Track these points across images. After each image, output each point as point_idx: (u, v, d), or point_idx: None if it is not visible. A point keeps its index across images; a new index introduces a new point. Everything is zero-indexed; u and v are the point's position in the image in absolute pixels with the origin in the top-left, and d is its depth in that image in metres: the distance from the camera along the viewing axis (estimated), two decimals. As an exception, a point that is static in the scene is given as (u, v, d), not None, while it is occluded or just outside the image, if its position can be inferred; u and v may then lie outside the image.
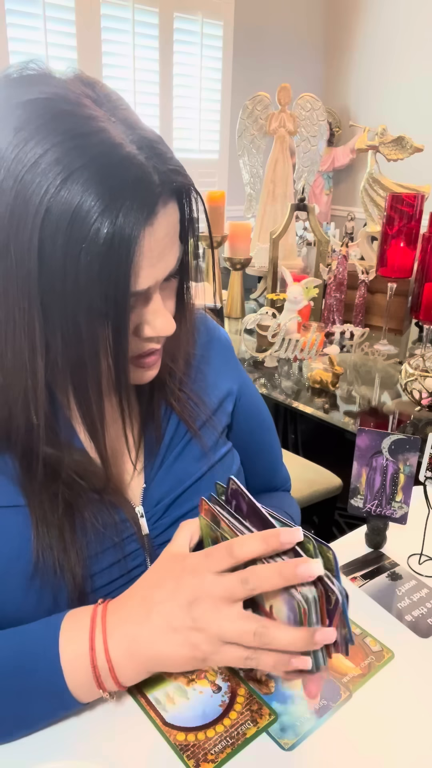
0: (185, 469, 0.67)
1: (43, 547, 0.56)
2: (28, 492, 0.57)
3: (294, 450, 2.16)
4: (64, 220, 0.45)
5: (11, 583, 0.57)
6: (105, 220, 0.45)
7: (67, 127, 0.46)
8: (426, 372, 1.34)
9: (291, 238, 2.21)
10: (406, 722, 0.57)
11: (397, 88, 3.61)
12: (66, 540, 0.57)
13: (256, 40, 3.52)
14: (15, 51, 2.57)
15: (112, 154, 0.46)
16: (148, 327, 0.55)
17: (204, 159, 3.51)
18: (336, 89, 3.98)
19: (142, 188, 0.47)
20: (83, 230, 0.45)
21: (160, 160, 0.49)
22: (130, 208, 0.46)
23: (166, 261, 0.52)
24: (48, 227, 0.46)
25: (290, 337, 1.63)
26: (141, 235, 0.47)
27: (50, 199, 0.45)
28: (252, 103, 2.18)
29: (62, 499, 0.57)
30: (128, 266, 0.47)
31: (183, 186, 0.52)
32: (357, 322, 1.87)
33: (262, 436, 0.83)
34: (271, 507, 0.80)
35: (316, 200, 3.89)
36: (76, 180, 0.45)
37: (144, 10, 2.95)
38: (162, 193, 0.49)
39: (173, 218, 0.52)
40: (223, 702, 0.58)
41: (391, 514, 0.79)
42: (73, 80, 0.51)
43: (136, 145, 0.48)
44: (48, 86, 0.49)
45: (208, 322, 0.77)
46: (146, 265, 0.50)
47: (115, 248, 0.46)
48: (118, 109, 0.50)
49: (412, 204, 1.61)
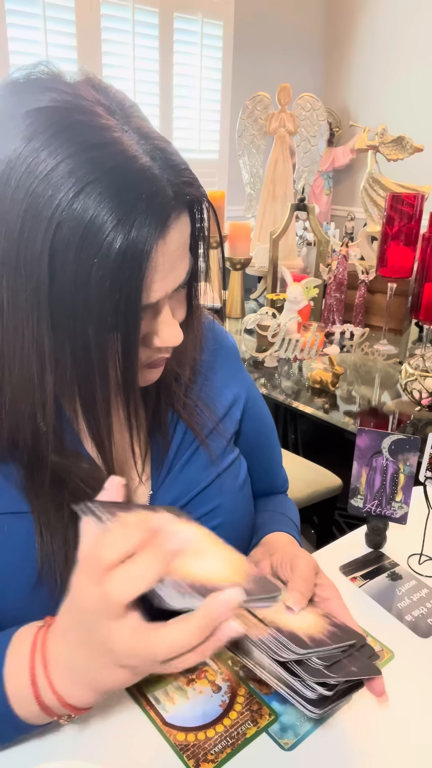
0: (192, 477, 0.67)
1: (47, 554, 0.56)
2: (32, 499, 0.57)
3: (294, 450, 2.16)
4: (77, 234, 0.45)
5: (16, 589, 0.56)
6: (118, 234, 0.45)
7: (80, 138, 0.45)
8: (426, 372, 1.34)
9: (291, 238, 2.21)
10: (406, 722, 0.57)
11: (397, 88, 3.61)
12: (70, 547, 0.56)
13: (256, 40, 3.51)
14: (15, 51, 2.56)
15: (126, 167, 0.45)
16: (157, 338, 0.55)
17: (204, 159, 3.51)
18: (336, 89, 3.98)
19: (156, 202, 0.46)
20: (96, 244, 0.45)
21: (174, 173, 0.49)
22: (143, 223, 0.45)
23: (176, 273, 0.52)
24: (59, 241, 0.45)
25: (290, 337, 1.63)
26: (153, 249, 0.47)
27: (62, 212, 0.44)
28: (252, 103, 2.18)
29: (67, 506, 0.57)
30: (140, 280, 0.47)
31: (195, 198, 0.51)
32: (357, 322, 1.87)
33: (266, 440, 0.82)
34: (270, 510, 0.80)
35: (316, 200, 3.89)
36: (89, 194, 0.44)
37: (144, 10, 2.95)
38: (175, 207, 0.48)
39: (185, 231, 0.51)
40: (223, 702, 0.58)
41: (391, 514, 0.79)
42: (85, 85, 0.50)
43: (150, 156, 0.47)
44: (59, 93, 0.47)
45: (216, 328, 0.77)
46: (158, 279, 0.49)
47: (128, 263, 0.46)
48: (131, 118, 0.49)
49: (412, 204, 1.61)
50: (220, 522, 0.67)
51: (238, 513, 0.70)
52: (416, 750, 0.54)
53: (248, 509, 0.72)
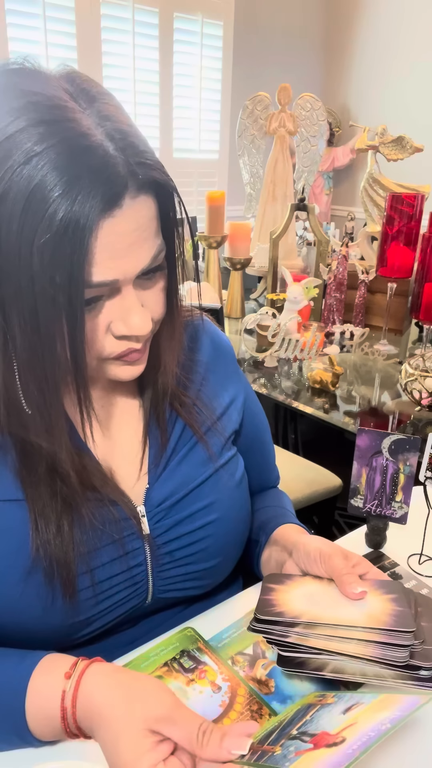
0: (189, 473, 0.67)
1: (41, 542, 0.57)
2: (27, 487, 0.57)
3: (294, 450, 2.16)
4: (20, 203, 0.45)
5: (11, 576, 0.57)
6: (60, 206, 0.45)
7: (34, 115, 0.46)
8: (426, 372, 1.34)
9: (291, 238, 2.21)
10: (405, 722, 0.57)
11: (397, 88, 3.61)
12: (64, 535, 0.57)
13: (256, 40, 3.51)
14: (15, 51, 2.56)
15: (75, 142, 0.46)
16: (122, 324, 0.54)
17: (204, 159, 3.51)
18: (336, 89, 3.98)
19: (104, 177, 0.47)
20: (38, 215, 0.45)
21: (132, 153, 0.49)
22: (88, 196, 0.46)
23: (135, 256, 0.51)
24: (3, 211, 0.46)
25: (290, 337, 1.63)
26: (98, 224, 0.47)
27: (8, 182, 0.45)
28: (252, 103, 2.18)
29: (60, 494, 0.58)
30: (83, 255, 0.47)
31: (157, 181, 0.51)
32: (357, 322, 1.87)
33: (261, 438, 0.83)
34: (271, 506, 0.81)
35: (316, 200, 3.89)
36: (35, 165, 0.45)
37: (144, 10, 2.95)
38: (129, 185, 0.48)
39: (145, 212, 0.51)
40: (223, 702, 0.58)
41: (391, 514, 0.79)
42: (57, 75, 0.51)
43: (106, 136, 0.48)
44: (27, 78, 0.49)
45: (212, 329, 0.77)
46: (107, 257, 0.49)
47: (69, 236, 0.46)
48: (95, 102, 0.50)
49: (412, 204, 1.61)
50: (216, 518, 0.67)
51: (234, 510, 0.70)
52: (416, 750, 0.54)
53: (244, 507, 0.73)
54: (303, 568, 0.65)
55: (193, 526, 0.66)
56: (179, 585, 0.66)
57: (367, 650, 0.54)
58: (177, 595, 0.67)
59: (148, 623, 0.68)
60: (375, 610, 0.58)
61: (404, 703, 0.46)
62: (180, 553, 0.65)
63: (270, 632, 0.58)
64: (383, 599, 0.60)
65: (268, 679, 0.60)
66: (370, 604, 0.59)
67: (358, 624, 0.56)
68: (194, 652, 0.63)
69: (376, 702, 0.48)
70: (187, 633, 0.66)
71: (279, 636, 0.57)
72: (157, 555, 0.64)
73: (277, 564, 0.71)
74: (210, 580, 0.69)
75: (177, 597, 0.68)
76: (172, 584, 0.66)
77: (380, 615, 0.57)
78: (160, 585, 0.65)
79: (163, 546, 0.64)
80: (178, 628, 0.67)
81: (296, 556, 0.66)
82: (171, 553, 0.65)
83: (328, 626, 0.57)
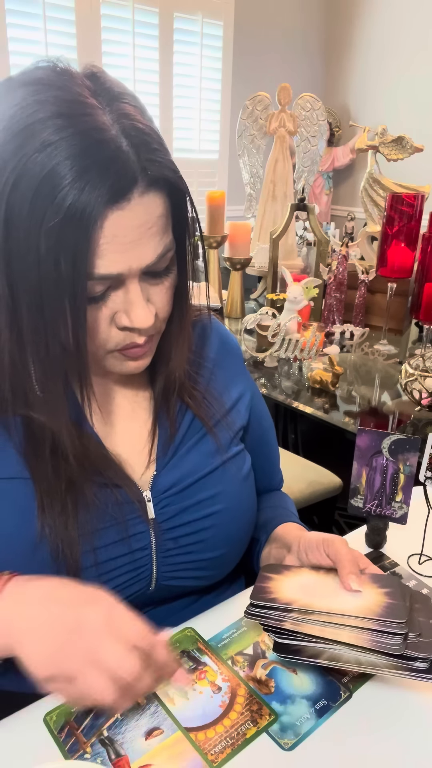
0: (197, 462, 0.69)
1: (46, 519, 0.58)
2: (33, 467, 0.59)
3: (294, 450, 2.16)
4: (32, 188, 0.47)
5: (17, 549, 0.59)
6: (69, 194, 0.47)
7: (55, 108, 0.48)
8: (426, 372, 1.33)
9: (291, 238, 2.21)
10: (406, 722, 0.57)
11: (397, 88, 3.61)
12: (68, 513, 0.59)
13: (256, 40, 3.51)
14: (15, 51, 2.56)
15: (90, 135, 0.48)
16: (125, 316, 0.55)
17: (204, 159, 3.51)
18: (336, 89, 3.98)
19: (114, 170, 0.48)
20: (47, 201, 0.47)
21: (145, 150, 0.50)
22: (95, 187, 0.47)
23: (141, 251, 0.53)
24: (17, 194, 0.48)
25: (290, 337, 1.63)
26: (104, 215, 0.49)
27: (22, 167, 0.47)
28: (252, 103, 2.18)
29: (65, 474, 0.59)
30: (87, 244, 0.49)
31: (167, 179, 0.53)
32: (357, 322, 1.87)
33: (266, 438, 0.84)
34: (273, 507, 0.82)
35: (316, 200, 3.89)
36: (49, 153, 0.47)
37: (144, 10, 2.95)
38: (138, 180, 0.50)
39: (154, 209, 0.52)
40: (223, 702, 0.58)
41: (391, 514, 0.79)
42: (82, 74, 0.53)
43: (121, 133, 0.50)
44: (54, 75, 0.51)
45: (221, 328, 0.79)
46: (112, 250, 0.51)
47: (75, 223, 0.48)
48: (116, 101, 0.52)
49: (412, 204, 1.61)
50: (221, 508, 0.68)
51: (239, 502, 0.71)
52: (416, 750, 0.54)
53: (250, 501, 0.74)
54: (303, 559, 0.66)
55: (198, 514, 0.67)
56: (183, 573, 0.67)
57: (362, 638, 0.56)
58: (181, 584, 0.68)
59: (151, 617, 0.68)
60: (368, 602, 0.59)
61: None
62: (185, 540, 0.66)
63: (266, 617, 0.59)
64: (377, 592, 0.61)
65: (268, 679, 0.60)
66: (364, 595, 0.60)
67: (350, 613, 0.57)
68: (194, 652, 0.64)
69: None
70: (187, 633, 0.66)
71: (275, 622, 0.58)
72: (162, 540, 0.65)
73: (276, 561, 0.72)
74: (214, 571, 0.70)
75: (181, 586, 0.68)
76: (176, 571, 0.66)
77: (373, 606, 0.58)
78: (164, 571, 0.66)
79: (168, 531, 0.65)
80: (178, 628, 0.67)
81: (295, 549, 0.67)
82: (176, 540, 0.66)
83: (323, 614, 0.58)
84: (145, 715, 0.56)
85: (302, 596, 0.61)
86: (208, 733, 0.55)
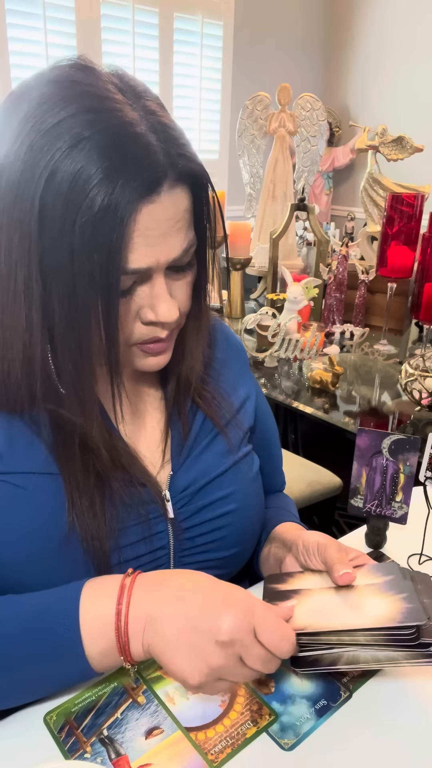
0: (211, 462, 0.69)
1: (76, 514, 0.58)
2: (61, 461, 0.59)
3: (294, 450, 2.16)
4: (65, 184, 0.48)
5: (45, 548, 0.58)
6: (102, 189, 0.47)
7: (84, 103, 0.49)
8: (426, 372, 1.33)
9: (291, 238, 2.21)
10: (406, 722, 0.57)
11: (397, 88, 3.61)
12: (96, 509, 0.59)
13: (256, 40, 3.51)
14: (15, 51, 2.56)
15: (120, 130, 0.49)
16: (150, 311, 0.56)
17: (204, 159, 3.42)
18: (336, 89, 3.98)
19: (146, 165, 0.49)
20: (81, 196, 0.47)
21: (173, 145, 0.51)
22: (129, 181, 0.48)
23: (169, 245, 0.53)
24: (50, 190, 0.48)
25: (290, 337, 1.63)
26: (137, 209, 0.49)
27: (55, 163, 0.48)
28: (252, 103, 2.18)
29: (93, 469, 0.59)
30: (121, 237, 0.49)
31: (194, 173, 0.54)
32: (357, 322, 1.87)
33: (270, 441, 0.85)
34: (273, 507, 0.81)
35: (316, 200, 3.89)
36: (81, 149, 0.47)
37: (144, 10, 2.95)
38: (168, 174, 0.51)
39: (181, 203, 0.53)
40: (223, 702, 0.58)
41: (391, 514, 0.79)
42: (107, 71, 0.54)
43: (150, 128, 0.50)
44: (80, 71, 0.52)
45: (225, 329, 0.80)
46: (144, 244, 0.51)
47: (109, 218, 0.48)
48: (141, 98, 0.52)
49: (412, 204, 1.61)
50: (235, 507, 0.69)
51: (251, 501, 0.72)
52: (416, 750, 0.54)
53: (259, 501, 0.75)
54: (302, 562, 0.66)
55: (214, 513, 0.67)
56: None
57: (377, 636, 0.55)
58: None
59: None
60: (384, 610, 0.57)
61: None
62: (202, 539, 0.67)
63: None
64: (392, 600, 0.58)
65: (268, 679, 0.60)
66: (377, 606, 0.58)
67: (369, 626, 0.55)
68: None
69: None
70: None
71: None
72: (180, 539, 0.65)
73: (276, 560, 0.71)
74: (228, 569, 0.71)
75: None
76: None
77: (390, 614, 0.56)
78: None
79: (186, 531, 0.66)
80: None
81: (295, 551, 0.67)
82: (193, 539, 0.66)
83: (342, 632, 0.56)
84: (145, 714, 0.56)
85: (315, 620, 0.57)
86: (208, 733, 0.55)
